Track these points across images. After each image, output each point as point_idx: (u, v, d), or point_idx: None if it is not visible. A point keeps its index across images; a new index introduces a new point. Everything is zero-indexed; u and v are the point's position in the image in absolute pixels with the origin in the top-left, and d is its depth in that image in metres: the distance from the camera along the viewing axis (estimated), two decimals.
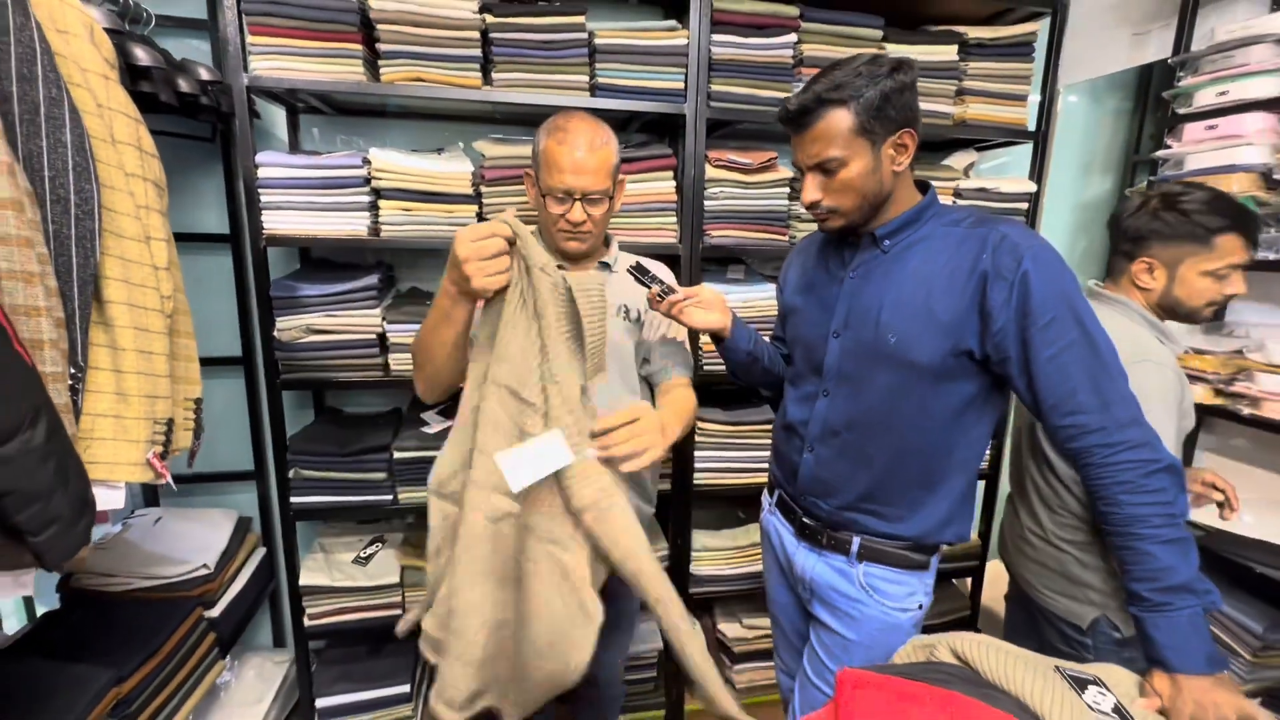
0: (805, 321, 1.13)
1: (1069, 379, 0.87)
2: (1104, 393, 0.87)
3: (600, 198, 1.15)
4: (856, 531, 1.08)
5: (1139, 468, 0.85)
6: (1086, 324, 0.89)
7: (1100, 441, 0.86)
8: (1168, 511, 0.83)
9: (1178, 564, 0.82)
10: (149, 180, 0.98)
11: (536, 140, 1.18)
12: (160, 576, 1.50)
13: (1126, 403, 0.87)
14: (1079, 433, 0.88)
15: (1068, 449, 0.90)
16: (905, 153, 0.97)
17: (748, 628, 1.93)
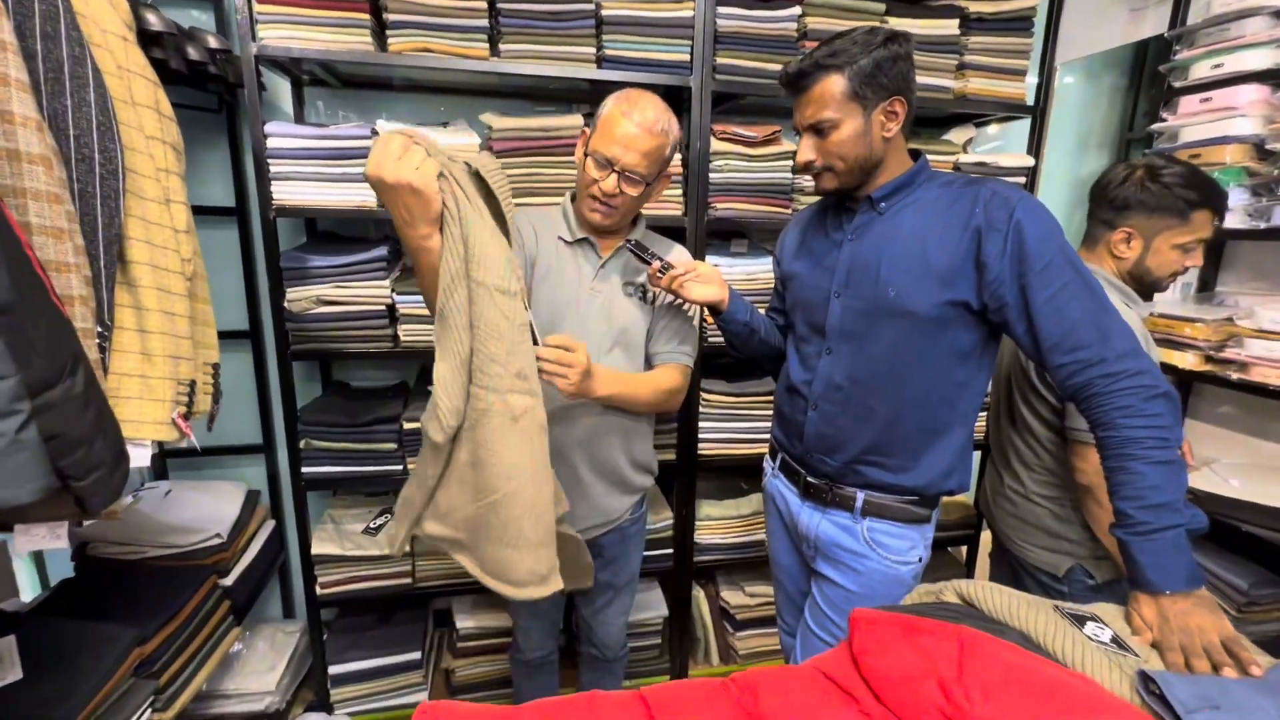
0: (805, 285, 1.16)
1: (1067, 317, 0.91)
2: (1102, 327, 0.91)
3: (639, 180, 1.14)
4: (861, 486, 1.11)
5: (1139, 393, 0.87)
6: (1078, 266, 0.93)
7: (1102, 372, 0.89)
8: (1162, 435, 0.86)
9: (1166, 483, 0.84)
10: (168, 144, 0.99)
11: (604, 104, 1.16)
12: (174, 545, 1.51)
13: (1124, 335, 0.91)
14: (1081, 367, 0.91)
15: (1069, 384, 0.93)
16: (895, 120, 1.02)
17: (750, 595, 1.98)
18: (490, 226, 0.91)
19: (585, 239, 1.22)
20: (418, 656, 1.77)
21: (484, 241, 0.89)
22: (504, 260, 0.91)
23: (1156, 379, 0.89)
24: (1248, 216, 1.45)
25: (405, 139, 0.84)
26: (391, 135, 0.84)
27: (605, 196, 1.14)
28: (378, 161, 0.82)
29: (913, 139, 1.85)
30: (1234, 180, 1.47)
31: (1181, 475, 0.86)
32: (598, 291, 1.22)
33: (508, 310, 0.93)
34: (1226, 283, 1.72)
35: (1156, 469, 0.85)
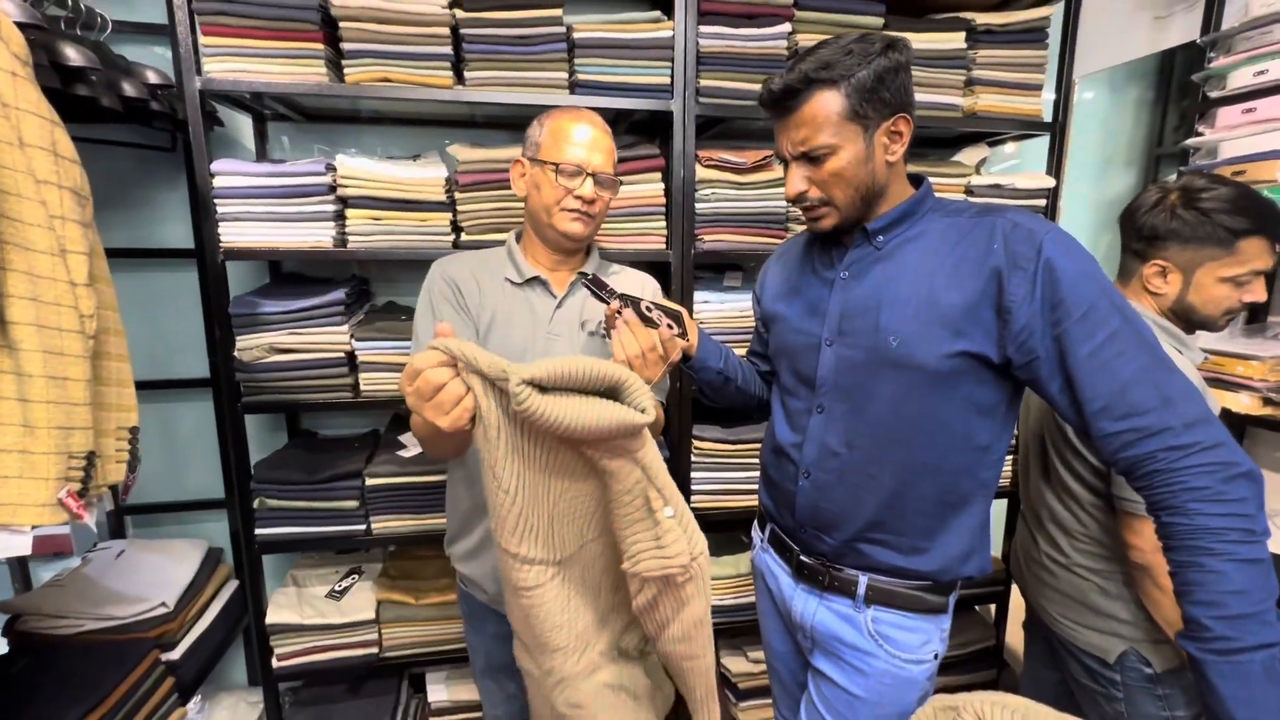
0: (792, 330, 1.00)
1: (1117, 376, 0.74)
2: (1162, 387, 0.73)
3: (607, 184, 1.07)
4: (864, 568, 0.95)
5: (1217, 471, 0.70)
6: (1126, 311, 0.77)
7: (1166, 444, 0.72)
8: (1247, 526, 0.69)
9: (1254, 588, 0.68)
10: (65, 188, 0.88)
11: (535, 126, 1.09)
12: (114, 617, 1.39)
13: (1191, 397, 0.73)
14: (1138, 437, 0.73)
15: (1123, 456, 0.75)
16: (900, 140, 0.87)
17: (754, 661, 1.79)
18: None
19: (536, 278, 1.10)
20: None
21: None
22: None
23: (1236, 453, 0.71)
24: None
25: (442, 374, 0.69)
26: (427, 358, 0.69)
27: (585, 204, 1.04)
28: (413, 400, 0.70)
29: (918, 160, 1.71)
30: None
31: (1272, 579, 0.68)
32: (556, 335, 1.09)
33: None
34: (1278, 311, 1.53)
35: (1241, 569, 0.68)
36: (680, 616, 0.83)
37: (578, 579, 0.85)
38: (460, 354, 0.69)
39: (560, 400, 0.68)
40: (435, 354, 0.69)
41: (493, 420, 0.71)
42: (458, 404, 0.70)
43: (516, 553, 0.79)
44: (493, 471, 0.74)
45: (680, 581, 0.79)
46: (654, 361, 0.89)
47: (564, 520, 0.81)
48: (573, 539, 0.83)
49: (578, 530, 0.83)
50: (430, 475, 1.50)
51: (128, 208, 1.59)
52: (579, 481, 0.79)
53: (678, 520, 0.77)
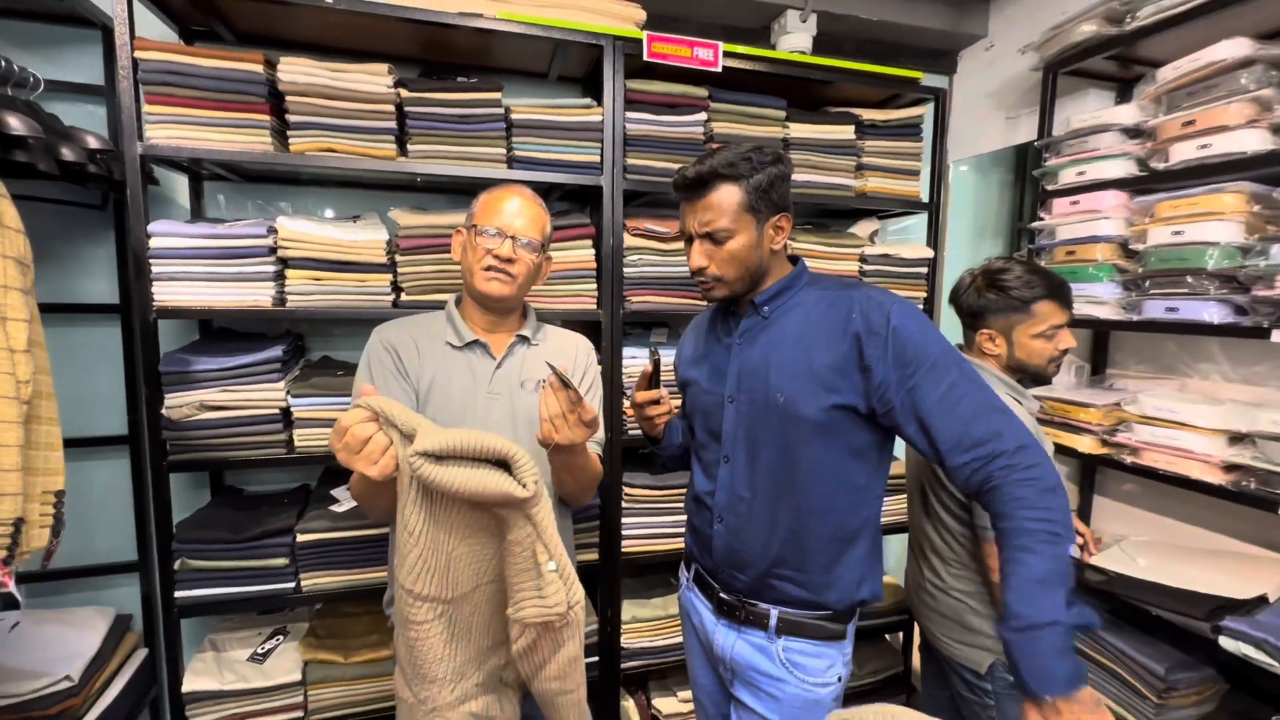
0: (702, 391, 1.15)
1: (959, 415, 0.91)
2: (994, 422, 0.91)
3: (530, 246, 1.16)
4: (774, 602, 1.07)
5: (1034, 484, 0.87)
6: (961, 361, 0.95)
7: (1000, 466, 0.88)
8: (1054, 530, 0.85)
9: (1053, 576, 0.83)
10: (9, 257, 0.91)
11: (475, 201, 1.19)
12: (10, 695, 1.30)
13: (1017, 428, 0.91)
14: (981, 464, 0.90)
15: (971, 481, 0.91)
16: (782, 234, 1.05)
17: (683, 700, 1.86)
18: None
19: (476, 341, 1.18)
20: None
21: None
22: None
23: (1049, 472, 0.89)
24: (1122, 309, 1.55)
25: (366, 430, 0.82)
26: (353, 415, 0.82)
27: (503, 262, 1.12)
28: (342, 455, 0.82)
29: (821, 231, 1.94)
30: (1107, 276, 1.58)
31: (1067, 573, 0.84)
32: (497, 395, 1.16)
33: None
34: (1114, 364, 1.82)
35: (1044, 561, 0.83)
36: (557, 657, 0.93)
37: (466, 617, 0.94)
38: (380, 410, 0.81)
39: (451, 469, 0.79)
40: (360, 411, 0.82)
41: (405, 470, 0.82)
42: (384, 453, 0.81)
43: (412, 589, 0.88)
44: (401, 514, 0.85)
45: (558, 627, 0.89)
46: (574, 424, 0.99)
47: (461, 563, 0.90)
48: (467, 580, 0.91)
49: (473, 573, 0.92)
50: (365, 529, 1.52)
51: (50, 262, 1.56)
52: (478, 531, 0.89)
53: (559, 573, 0.86)
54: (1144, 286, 1.50)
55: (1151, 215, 1.50)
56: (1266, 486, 1.30)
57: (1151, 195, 1.51)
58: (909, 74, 1.81)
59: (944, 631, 1.34)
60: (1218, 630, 1.26)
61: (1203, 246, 1.38)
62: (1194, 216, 1.40)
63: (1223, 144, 1.35)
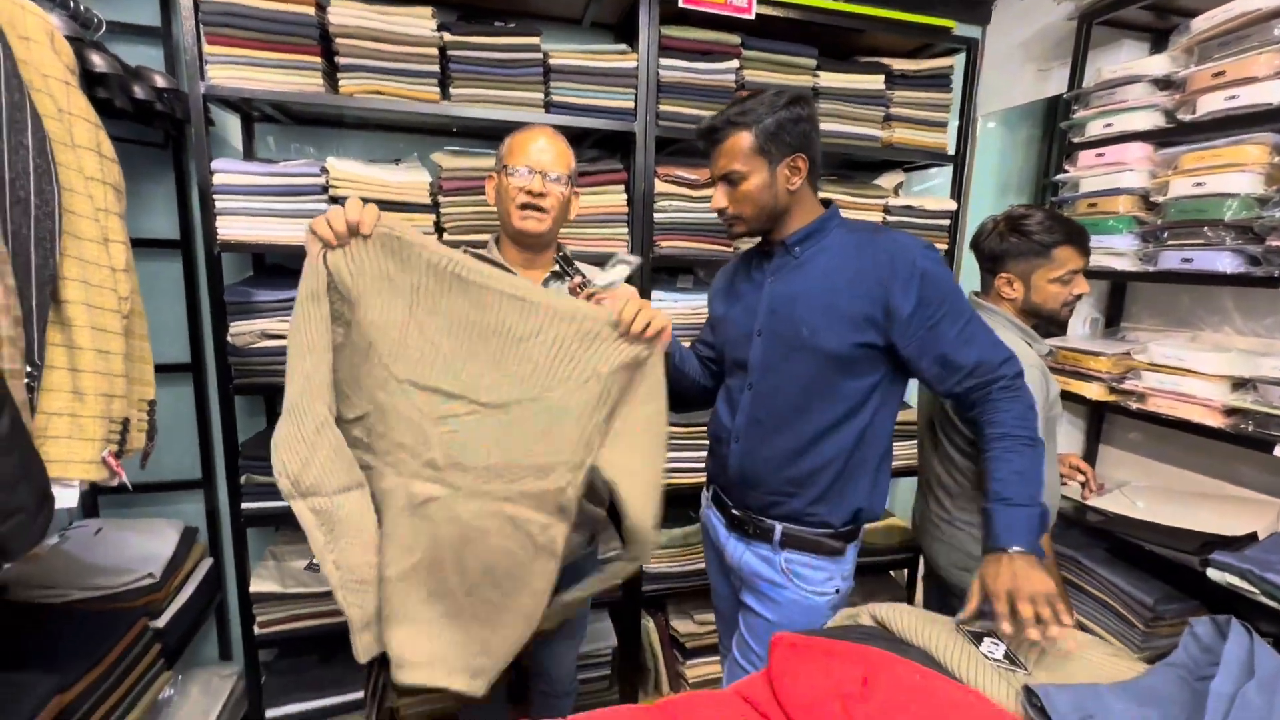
0: (731, 325, 1.24)
1: (972, 348, 1.05)
2: (997, 354, 1.06)
3: (559, 180, 1.22)
4: (779, 518, 1.17)
5: (1021, 398, 1.06)
6: (969, 306, 1.07)
7: (998, 385, 1.05)
8: (1031, 435, 1.03)
9: (1031, 472, 1.01)
10: (108, 184, 1.00)
11: (502, 145, 1.26)
12: (102, 587, 1.46)
13: (1012, 359, 1.07)
14: (983, 384, 1.05)
15: (971, 397, 1.06)
16: (798, 174, 1.11)
17: (699, 623, 2.00)
18: (418, 318, 0.98)
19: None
20: (360, 696, 1.73)
21: (395, 328, 0.98)
22: (436, 356, 0.99)
23: (1030, 395, 1.06)
24: (1139, 260, 1.60)
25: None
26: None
27: (535, 198, 1.20)
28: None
29: (846, 183, 1.98)
30: (1126, 228, 1.62)
31: (1040, 472, 1.02)
32: None
33: (425, 406, 1.00)
34: (1129, 319, 1.87)
35: (1025, 459, 1.00)
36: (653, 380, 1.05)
37: (506, 425, 1.03)
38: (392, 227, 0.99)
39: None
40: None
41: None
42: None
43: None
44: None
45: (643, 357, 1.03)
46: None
47: (504, 367, 1.01)
48: (510, 391, 1.02)
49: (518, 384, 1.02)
50: None
51: None
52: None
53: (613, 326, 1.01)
54: (1162, 238, 1.54)
55: (1175, 167, 1.52)
56: (1263, 429, 1.36)
57: (1176, 147, 1.54)
58: (941, 22, 1.81)
59: (949, 559, 1.44)
60: (1206, 563, 1.35)
61: (1222, 198, 1.42)
62: (1216, 168, 1.43)
63: (1250, 95, 1.37)
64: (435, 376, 0.99)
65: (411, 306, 0.98)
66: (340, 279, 0.96)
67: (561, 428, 1.03)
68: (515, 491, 1.03)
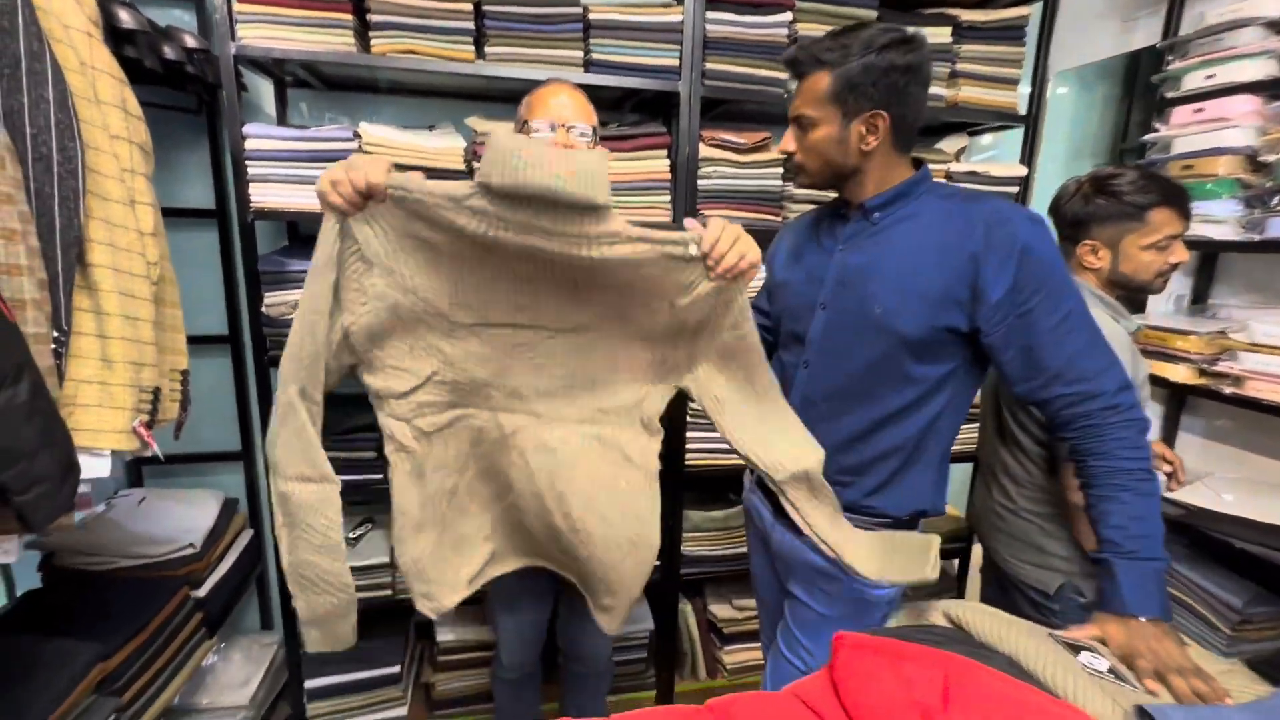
0: (793, 293, 1.13)
1: (1068, 348, 0.90)
2: (1099, 360, 0.90)
3: (585, 135, 1.15)
4: None
5: (1133, 426, 0.89)
6: (1076, 293, 0.92)
7: (1102, 405, 0.89)
8: (1147, 469, 0.88)
9: (1151, 516, 0.87)
10: (134, 143, 0.96)
11: (520, 106, 1.20)
12: (145, 555, 1.47)
13: (1117, 369, 0.91)
14: (1080, 399, 0.90)
15: (1065, 413, 0.91)
16: (875, 134, 0.96)
17: (738, 608, 1.94)
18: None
19: None
20: (397, 670, 1.73)
21: (447, 282, 0.94)
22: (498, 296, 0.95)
23: (1143, 415, 0.91)
24: (1241, 229, 1.43)
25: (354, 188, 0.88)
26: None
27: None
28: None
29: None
30: (1227, 192, 1.45)
31: (1158, 511, 0.88)
32: None
33: (498, 340, 0.98)
34: (1220, 295, 1.70)
35: (1144, 501, 0.86)
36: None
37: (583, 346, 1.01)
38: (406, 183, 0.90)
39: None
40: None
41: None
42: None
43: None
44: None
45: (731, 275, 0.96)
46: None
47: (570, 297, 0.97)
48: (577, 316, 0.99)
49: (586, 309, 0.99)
50: None
51: None
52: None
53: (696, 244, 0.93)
54: (1270, 203, 1.38)
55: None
56: None
57: None
58: None
59: (1012, 552, 1.34)
60: None
61: None
62: None
63: None
64: (503, 314, 0.97)
65: (456, 259, 0.93)
66: (369, 249, 0.91)
67: (635, 346, 1.02)
68: (597, 410, 1.04)
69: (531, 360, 1.00)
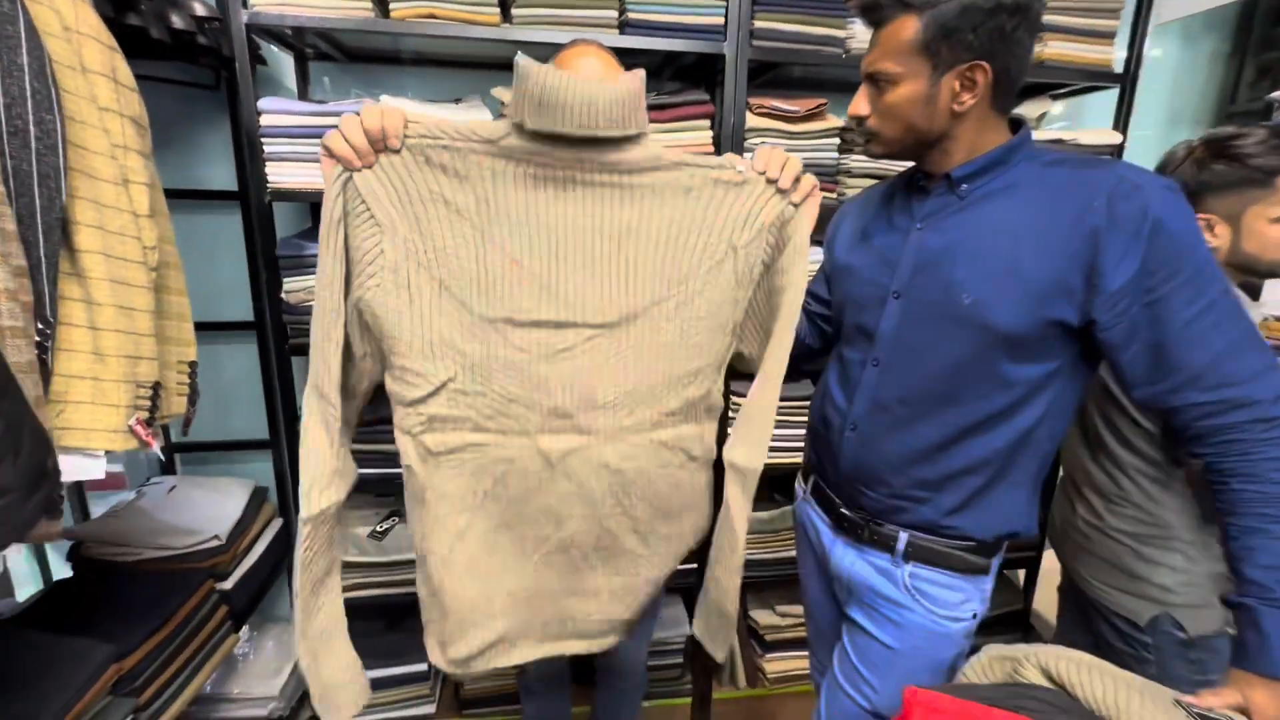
0: (859, 280, 0.97)
1: (1212, 345, 0.73)
2: (1254, 362, 0.73)
3: None
4: (905, 525, 0.94)
5: None
6: (1222, 278, 0.74)
7: (1254, 417, 0.72)
8: None
9: None
10: (126, 116, 0.88)
11: None
12: (170, 547, 1.44)
13: (1274, 372, 0.73)
14: (1226, 408, 0.73)
15: (1202, 425, 0.75)
16: (972, 90, 0.80)
17: (781, 615, 1.82)
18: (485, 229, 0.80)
19: None
20: (425, 668, 1.69)
21: (469, 259, 0.80)
22: (529, 281, 0.81)
23: None
24: None
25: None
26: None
27: None
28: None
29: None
30: None
31: None
32: None
33: (529, 344, 0.82)
34: None
35: None
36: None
37: (635, 343, 0.87)
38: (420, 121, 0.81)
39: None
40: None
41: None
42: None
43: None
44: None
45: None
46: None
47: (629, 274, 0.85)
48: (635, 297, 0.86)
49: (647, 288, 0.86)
50: None
51: (172, 148, 1.59)
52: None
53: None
54: None
55: None
56: None
57: None
58: None
59: (1097, 575, 1.17)
60: None
61: None
62: None
63: None
64: (534, 306, 0.81)
65: (482, 227, 0.78)
66: (381, 210, 0.78)
67: (700, 327, 0.87)
68: (661, 414, 0.89)
69: (576, 369, 0.84)
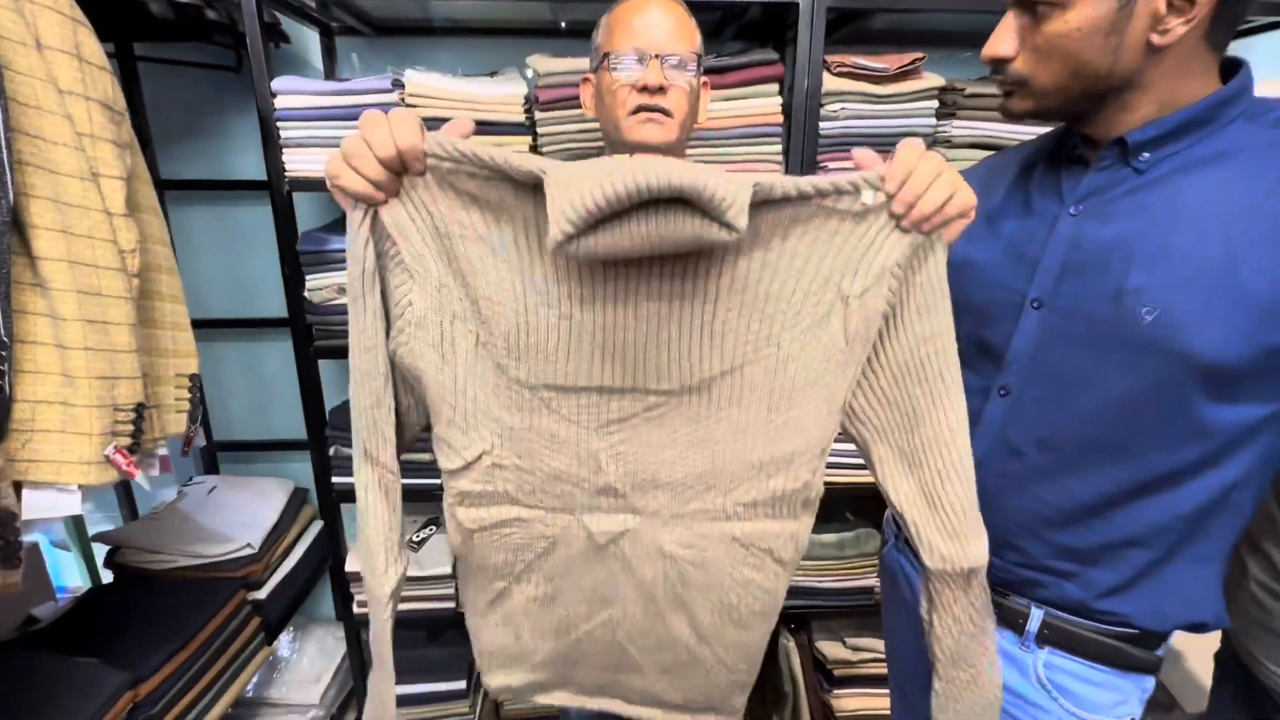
0: (982, 280, 0.74)
1: None
2: None
3: (682, 65, 0.85)
4: (1041, 601, 0.73)
5: None
6: None
7: None
8: None
9: None
10: (94, 100, 0.76)
11: (597, 32, 0.90)
12: (203, 556, 1.39)
13: None
14: None
15: None
16: (1181, 14, 0.56)
17: (852, 649, 1.62)
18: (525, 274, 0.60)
19: None
20: (463, 686, 1.59)
21: (508, 310, 0.61)
22: (578, 339, 0.61)
23: None
24: None
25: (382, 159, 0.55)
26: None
27: (653, 95, 0.83)
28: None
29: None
30: None
31: None
32: None
33: (577, 414, 0.64)
34: None
35: None
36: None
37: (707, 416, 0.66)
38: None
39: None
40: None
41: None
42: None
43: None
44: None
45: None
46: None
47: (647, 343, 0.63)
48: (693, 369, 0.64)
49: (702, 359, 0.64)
50: None
51: (200, 136, 1.51)
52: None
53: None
54: None
55: None
56: None
57: None
58: None
59: (1272, 655, 0.91)
60: None
61: None
62: None
63: None
64: (583, 371, 0.63)
65: (523, 270, 0.60)
66: (410, 250, 0.59)
67: (796, 400, 0.63)
68: (737, 504, 0.69)
69: (632, 445, 0.67)
